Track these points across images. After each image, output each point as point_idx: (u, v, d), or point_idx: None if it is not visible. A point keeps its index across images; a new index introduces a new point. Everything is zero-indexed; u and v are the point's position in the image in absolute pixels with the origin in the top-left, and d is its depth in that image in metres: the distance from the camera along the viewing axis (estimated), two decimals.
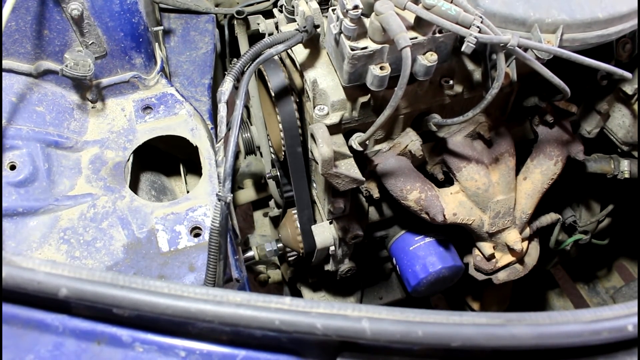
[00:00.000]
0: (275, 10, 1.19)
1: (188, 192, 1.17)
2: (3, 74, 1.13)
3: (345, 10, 0.89)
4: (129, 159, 1.16)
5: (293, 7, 1.09)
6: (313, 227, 1.27)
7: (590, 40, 1.01)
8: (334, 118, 1.05)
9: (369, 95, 1.05)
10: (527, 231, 1.32)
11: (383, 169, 1.15)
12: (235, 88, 0.94)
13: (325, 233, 1.26)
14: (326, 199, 1.19)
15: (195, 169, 1.32)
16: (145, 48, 1.22)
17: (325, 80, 1.05)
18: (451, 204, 1.20)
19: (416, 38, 0.93)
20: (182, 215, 1.06)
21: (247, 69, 0.96)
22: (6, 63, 1.13)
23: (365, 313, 0.63)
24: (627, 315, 0.66)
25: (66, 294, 0.62)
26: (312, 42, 1.09)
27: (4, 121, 1.09)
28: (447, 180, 1.25)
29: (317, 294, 1.67)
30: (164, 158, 1.37)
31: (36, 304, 0.66)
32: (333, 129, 1.06)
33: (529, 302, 2.08)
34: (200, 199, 1.09)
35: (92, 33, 1.13)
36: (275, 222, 1.84)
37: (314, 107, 1.05)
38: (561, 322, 0.65)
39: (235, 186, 1.90)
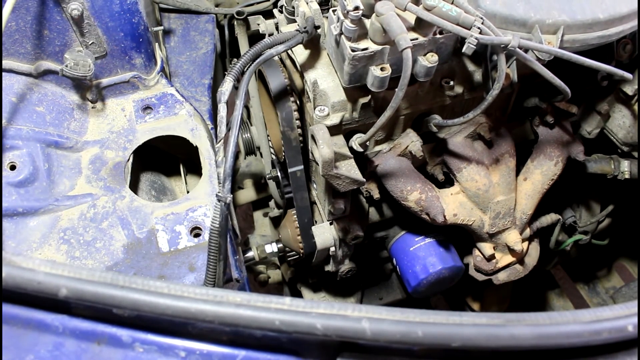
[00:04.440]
0: (275, 11, 1.19)
1: (188, 192, 1.17)
2: (3, 74, 1.13)
3: (345, 11, 0.89)
4: (129, 159, 1.16)
5: (293, 7, 1.09)
6: (313, 227, 1.27)
7: (590, 41, 1.01)
8: (334, 119, 1.05)
9: (370, 96, 1.05)
10: (527, 232, 1.32)
11: (383, 169, 1.15)
12: (235, 88, 0.94)
13: (325, 234, 1.26)
14: (326, 199, 1.19)
15: (195, 169, 1.32)
16: (145, 48, 1.22)
17: (326, 81, 1.05)
18: (451, 205, 1.20)
19: (417, 39, 0.93)
20: (182, 216, 1.06)
21: (247, 69, 0.96)
22: (6, 63, 1.13)
23: (365, 313, 0.63)
24: (627, 315, 0.67)
25: (66, 294, 0.62)
26: (313, 42, 1.09)
27: (4, 121, 1.09)
28: (448, 181, 1.25)
29: (317, 294, 1.67)
30: (164, 158, 1.37)
31: (36, 304, 0.66)
32: (333, 130, 1.06)
33: (529, 302, 2.08)
34: (200, 199, 1.09)
35: (92, 33, 1.13)
36: (276, 222, 1.84)
37: (315, 108, 1.05)
38: (561, 323, 0.65)
39: (235, 186, 1.90)
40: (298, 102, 1.13)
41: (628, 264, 2.11)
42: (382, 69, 0.95)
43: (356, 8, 0.88)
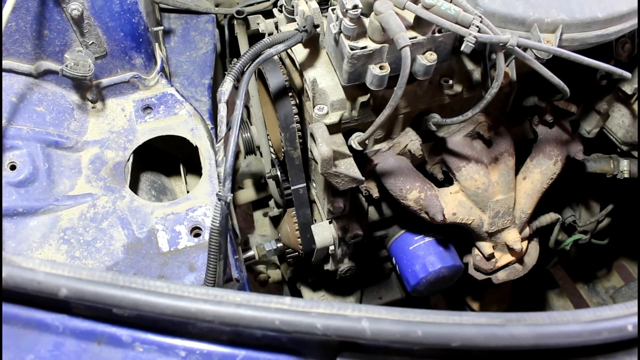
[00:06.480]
0: (275, 10, 1.19)
1: (188, 192, 1.17)
2: (3, 74, 1.13)
3: (344, 10, 0.89)
4: (129, 159, 1.16)
5: (293, 7, 1.09)
6: (313, 226, 1.27)
7: (589, 40, 1.01)
8: (333, 117, 1.05)
9: (369, 94, 1.05)
10: (527, 231, 1.32)
11: (382, 168, 1.15)
12: (235, 88, 0.94)
13: (324, 232, 1.26)
14: (326, 198, 1.19)
15: (195, 169, 1.32)
16: (145, 48, 1.22)
17: (325, 80, 1.05)
18: (451, 204, 1.20)
19: (415, 37, 0.94)
20: (182, 215, 1.06)
21: (247, 69, 0.96)
22: (6, 63, 1.13)
23: (365, 313, 0.63)
24: (626, 315, 0.67)
25: (66, 294, 0.62)
26: (312, 41, 1.09)
27: (4, 121, 1.09)
28: (447, 179, 1.25)
29: (317, 293, 1.67)
30: (164, 158, 1.37)
31: (36, 304, 0.66)
32: (332, 129, 1.06)
33: (528, 302, 2.08)
34: (200, 199, 1.09)
35: (92, 33, 1.13)
36: (275, 222, 1.84)
37: (314, 107, 1.05)
38: (561, 322, 0.65)
39: (235, 186, 1.91)
40: (297, 100, 1.13)
41: (628, 263, 2.11)
42: (381, 68, 0.95)
43: (355, 7, 0.88)
